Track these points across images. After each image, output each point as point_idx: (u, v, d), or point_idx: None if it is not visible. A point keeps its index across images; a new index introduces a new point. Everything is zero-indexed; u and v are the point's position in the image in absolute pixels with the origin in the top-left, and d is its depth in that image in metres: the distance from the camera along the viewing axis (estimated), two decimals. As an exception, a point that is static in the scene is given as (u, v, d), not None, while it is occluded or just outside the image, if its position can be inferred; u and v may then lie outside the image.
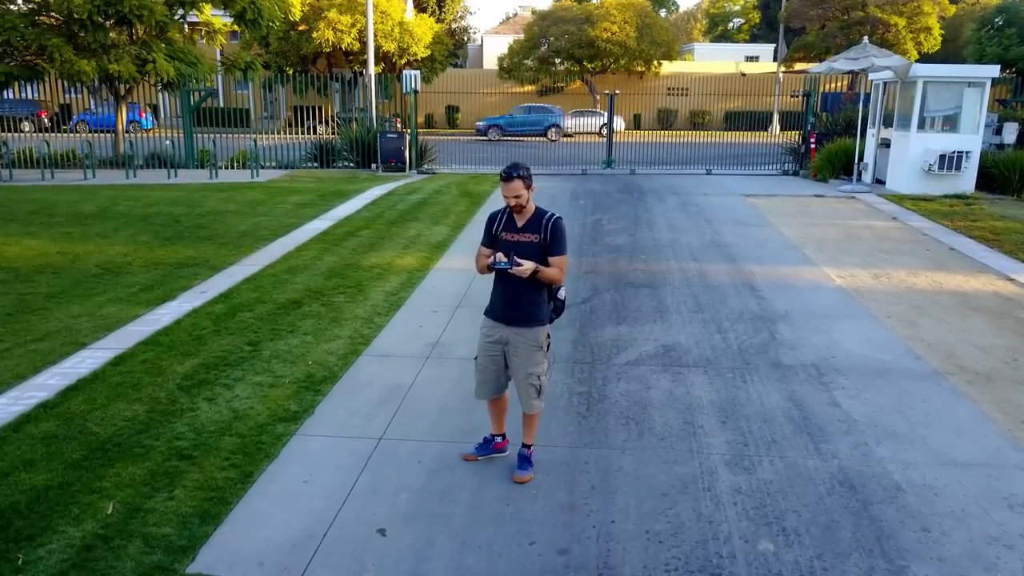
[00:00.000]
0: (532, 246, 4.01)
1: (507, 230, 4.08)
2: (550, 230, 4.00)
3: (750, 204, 13.53)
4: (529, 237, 4.02)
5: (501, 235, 4.09)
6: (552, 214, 4.07)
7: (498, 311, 4.16)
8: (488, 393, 4.30)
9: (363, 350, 6.28)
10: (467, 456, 4.41)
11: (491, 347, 4.18)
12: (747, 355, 6.22)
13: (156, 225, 11.31)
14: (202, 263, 9.14)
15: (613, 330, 6.84)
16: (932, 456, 4.55)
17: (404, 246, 10.11)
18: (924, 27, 36.01)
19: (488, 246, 4.16)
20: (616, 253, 9.85)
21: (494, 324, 4.17)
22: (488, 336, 4.19)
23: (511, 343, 4.11)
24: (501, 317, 4.14)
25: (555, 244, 4.02)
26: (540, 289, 4.06)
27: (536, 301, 4.08)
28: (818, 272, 8.87)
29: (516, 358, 4.12)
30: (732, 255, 9.68)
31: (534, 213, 4.06)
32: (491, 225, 4.16)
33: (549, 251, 4.02)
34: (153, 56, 18.61)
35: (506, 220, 4.10)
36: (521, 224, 4.06)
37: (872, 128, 15.88)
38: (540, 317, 4.12)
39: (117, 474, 4.26)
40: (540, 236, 4.01)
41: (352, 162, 20.02)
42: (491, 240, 4.15)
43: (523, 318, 4.09)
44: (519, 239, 4.03)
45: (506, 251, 3.99)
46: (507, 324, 4.12)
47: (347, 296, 7.79)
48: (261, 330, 6.72)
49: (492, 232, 4.13)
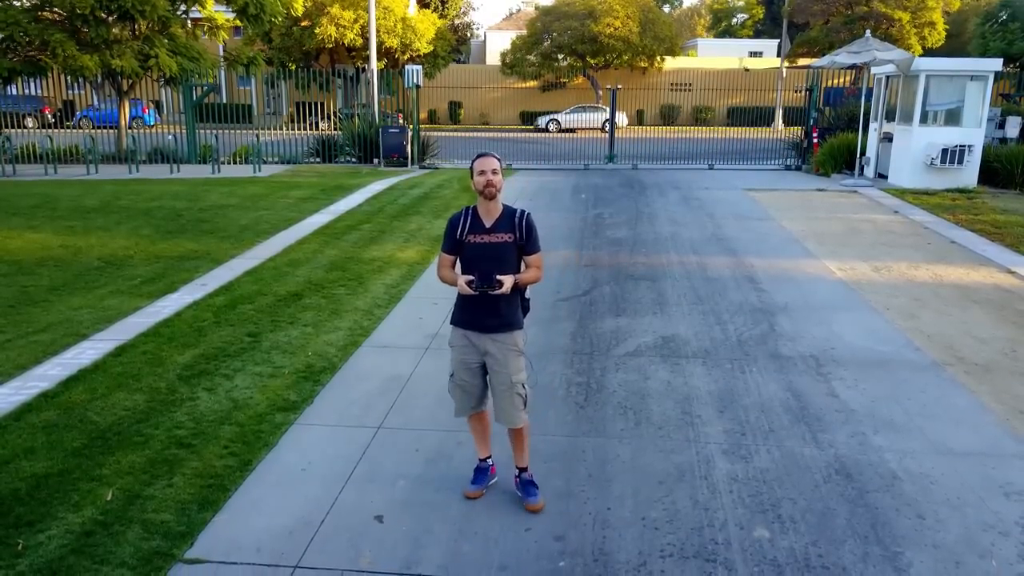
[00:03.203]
0: (507, 247, 3.72)
1: (474, 232, 3.72)
2: (525, 227, 3.73)
3: (752, 198, 13.52)
4: (502, 237, 3.71)
5: (467, 239, 3.72)
6: (522, 210, 3.80)
7: (472, 319, 3.79)
8: (471, 408, 3.95)
9: (363, 341, 6.30)
10: (471, 493, 3.99)
11: (468, 359, 3.84)
12: (746, 346, 6.22)
13: (158, 219, 11.34)
14: (203, 256, 9.16)
15: (612, 322, 6.85)
16: (929, 445, 4.56)
17: (405, 239, 10.12)
18: (928, 22, 35.89)
19: (451, 252, 3.80)
20: (617, 247, 9.85)
21: (468, 334, 3.82)
22: (463, 349, 3.85)
23: (490, 352, 3.80)
24: (476, 325, 3.79)
25: (532, 242, 3.77)
26: (516, 292, 3.78)
27: (513, 303, 3.79)
28: (818, 265, 8.86)
29: (497, 367, 3.80)
30: (733, 248, 9.68)
31: (503, 211, 3.74)
32: (454, 229, 3.75)
33: (526, 249, 3.77)
34: (155, 51, 18.68)
35: (471, 221, 3.73)
36: (490, 224, 3.72)
37: (874, 122, 15.85)
38: (518, 320, 3.85)
39: (117, 462, 4.28)
40: (515, 235, 3.72)
41: (354, 157, 20.05)
42: (455, 245, 3.76)
43: (501, 324, 3.77)
44: (490, 240, 3.70)
45: (476, 255, 3.71)
46: (484, 332, 3.78)
47: (347, 288, 7.81)
48: (261, 321, 6.74)
49: (456, 237, 3.74)
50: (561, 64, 42.95)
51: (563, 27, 41.35)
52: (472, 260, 3.72)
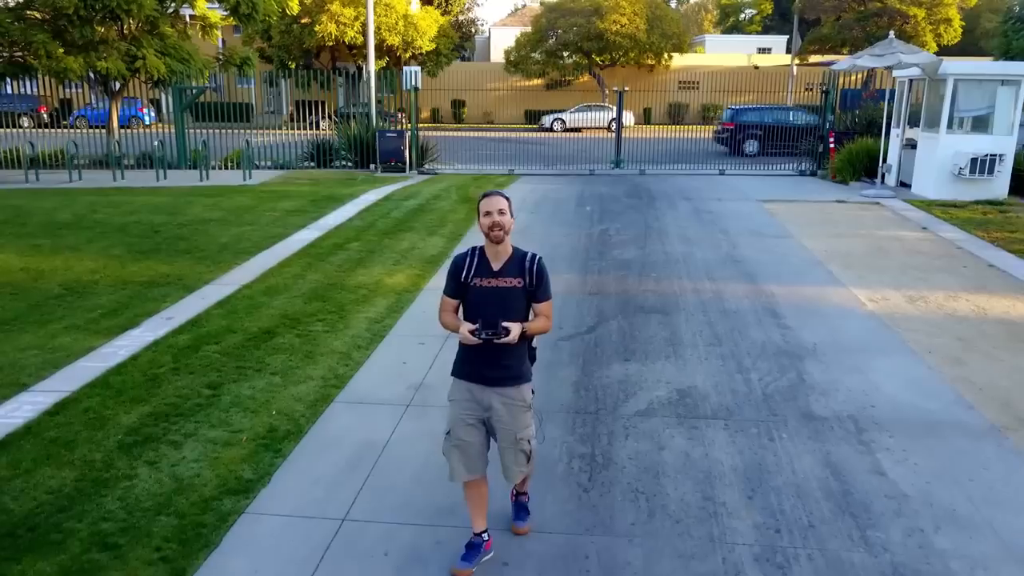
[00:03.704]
0: (515, 292, 3.47)
1: (480, 275, 3.48)
2: (536, 272, 3.49)
3: (768, 211, 12.71)
4: (510, 282, 3.47)
5: (473, 282, 3.49)
6: (533, 254, 3.55)
7: (475, 371, 3.53)
8: (467, 472, 3.57)
9: (336, 395, 5.55)
10: (460, 572, 3.55)
11: (469, 416, 3.55)
12: (773, 403, 5.45)
13: (133, 236, 10.61)
14: (175, 282, 8.43)
15: (621, 369, 6.09)
16: (1004, 549, 3.78)
17: (395, 261, 9.37)
18: (944, 18, 34.88)
19: (455, 296, 3.55)
20: (624, 270, 9.07)
21: (471, 387, 3.54)
22: (465, 403, 3.56)
23: (494, 408, 3.52)
24: (480, 378, 3.52)
25: (543, 288, 3.52)
26: (524, 341, 3.52)
27: (520, 354, 3.53)
28: (846, 294, 8.07)
29: (502, 424, 3.54)
30: (751, 273, 8.89)
31: (512, 253, 3.51)
32: (458, 271, 3.51)
33: (535, 296, 3.51)
34: (143, 52, 17.93)
35: (478, 263, 3.50)
36: (498, 267, 3.48)
37: (896, 128, 15.00)
38: (526, 371, 3.59)
39: (22, 572, 3.54)
40: (524, 280, 3.48)
41: (351, 162, 19.29)
42: (458, 288, 3.52)
43: (508, 376, 3.51)
44: (498, 284, 3.46)
45: (481, 300, 3.46)
46: (488, 385, 3.52)
47: (326, 324, 7.06)
48: (225, 368, 6.00)
49: (461, 279, 3.50)
50: (566, 62, 42.06)
51: (569, 24, 40.43)
52: (477, 305, 3.48)
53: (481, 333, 3.34)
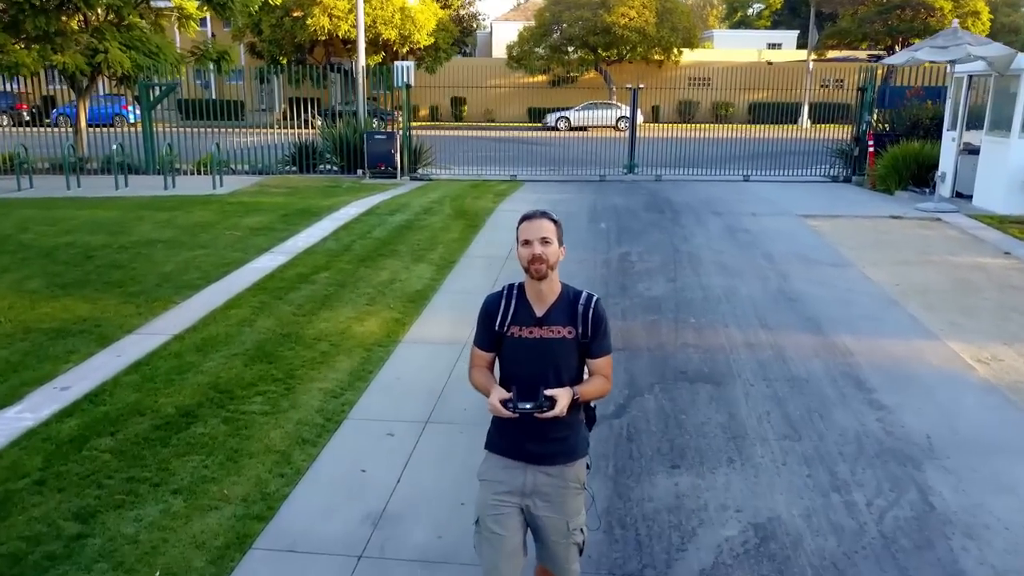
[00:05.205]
0: (565, 345, 2.69)
1: (519, 323, 2.70)
2: (592, 319, 2.69)
3: (813, 229, 10.92)
4: (558, 331, 2.68)
5: (509, 331, 2.71)
6: (589, 294, 2.74)
7: (515, 444, 2.73)
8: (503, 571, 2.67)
9: (257, 534, 3.80)
10: None
11: (505, 502, 2.71)
12: (900, 554, 3.68)
13: (60, 263, 8.86)
14: (90, 330, 6.68)
15: (668, 483, 4.32)
16: None
17: (370, 300, 7.61)
18: (972, 11, 32.99)
19: (488, 349, 2.77)
20: (654, 312, 7.31)
21: (509, 465, 2.73)
22: (499, 486, 2.73)
23: (539, 491, 2.71)
24: (522, 454, 2.71)
25: (600, 339, 2.72)
26: (578, 407, 2.70)
27: (572, 424, 2.73)
28: (943, 350, 6.30)
29: (549, 511, 2.71)
30: (813, 317, 7.13)
31: (561, 294, 2.72)
32: (491, 317, 2.73)
33: (590, 350, 2.71)
34: (105, 45, 16.17)
35: (516, 307, 2.71)
36: (542, 311, 2.70)
37: (951, 131, 13.20)
38: (580, 444, 2.77)
39: None
40: (576, 329, 2.69)
41: (336, 166, 17.56)
42: (492, 339, 2.74)
43: (557, 452, 2.71)
44: (542, 335, 2.68)
45: (520, 355, 2.69)
46: (532, 463, 2.72)
47: (266, 401, 5.30)
48: (112, 481, 4.25)
49: (495, 328, 2.72)
50: (571, 57, 40.25)
51: (574, 17, 38.60)
52: (514, 362, 2.71)
53: (515, 406, 2.53)
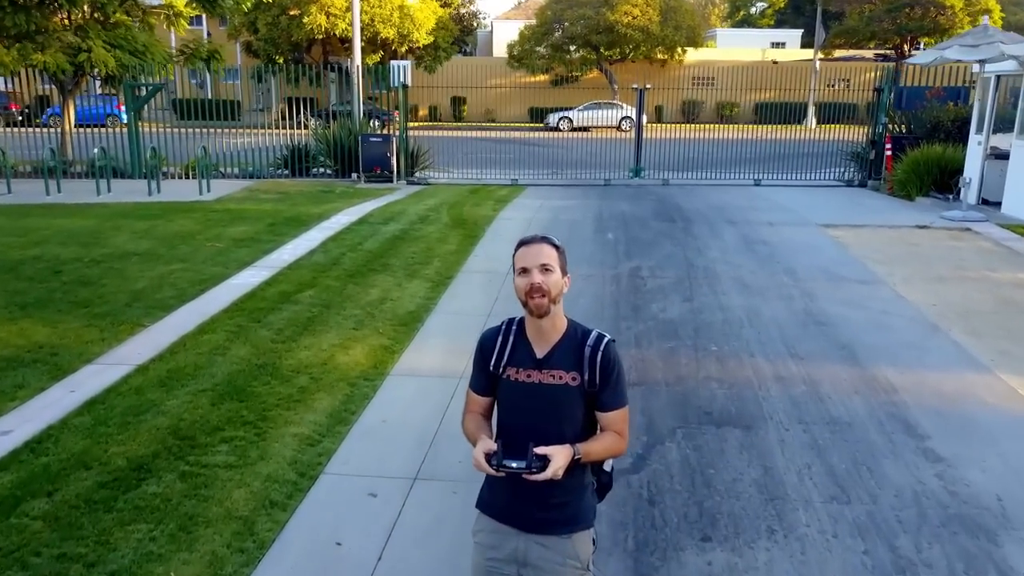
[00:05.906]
0: (569, 393, 2.16)
1: (516, 364, 2.21)
2: (601, 364, 2.14)
3: (836, 240, 10.24)
4: (560, 376, 2.16)
5: (505, 373, 2.22)
6: (600, 335, 2.19)
7: (506, 507, 2.25)
8: None
9: (203, 641, 3.12)
10: None
11: (495, 569, 2.26)
12: (993, 667, 3.00)
13: (24, 279, 8.18)
14: (45, 359, 6.01)
15: (698, 560, 3.64)
16: None
17: (357, 323, 6.92)
18: (984, 9, 32.27)
19: (482, 392, 2.30)
20: (671, 338, 6.63)
21: (500, 529, 2.25)
22: (492, 551, 2.27)
23: (531, 563, 2.21)
24: (513, 518, 2.23)
25: (611, 389, 2.16)
26: (583, 468, 2.20)
27: (575, 488, 2.20)
28: (997, 385, 5.62)
29: None
30: (847, 344, 6.44)
31: (566, 332, 2.20)
32: (486, 356, 2.26)
33: (600, 401, 2.17)
34: (89, 44, 15.49)
35: (513, 345, 2.22)
36: (543, 352, 2.19)
37: (978, 134, 12.51)
38: (583, 513, 2.24)
39: None
40: (582, 375, 2.16)
41: (330, 170, 16.88)
42: (487, 382, 2.27)
43: (554, 519, 2.21)
44: (541, 380, 2.18)
45: (517, 401, 2.20)
46: (526, 530, 2.22)
47: (232, 450, 4.62)
48: (36, 562, 3.57)
49: (490, 369, 2.25)
50: (573, 56, 39.55)
51: (576, 16, 37.92)
52: (510, 410, 2.25)
53: (498, 462, 2.04)
